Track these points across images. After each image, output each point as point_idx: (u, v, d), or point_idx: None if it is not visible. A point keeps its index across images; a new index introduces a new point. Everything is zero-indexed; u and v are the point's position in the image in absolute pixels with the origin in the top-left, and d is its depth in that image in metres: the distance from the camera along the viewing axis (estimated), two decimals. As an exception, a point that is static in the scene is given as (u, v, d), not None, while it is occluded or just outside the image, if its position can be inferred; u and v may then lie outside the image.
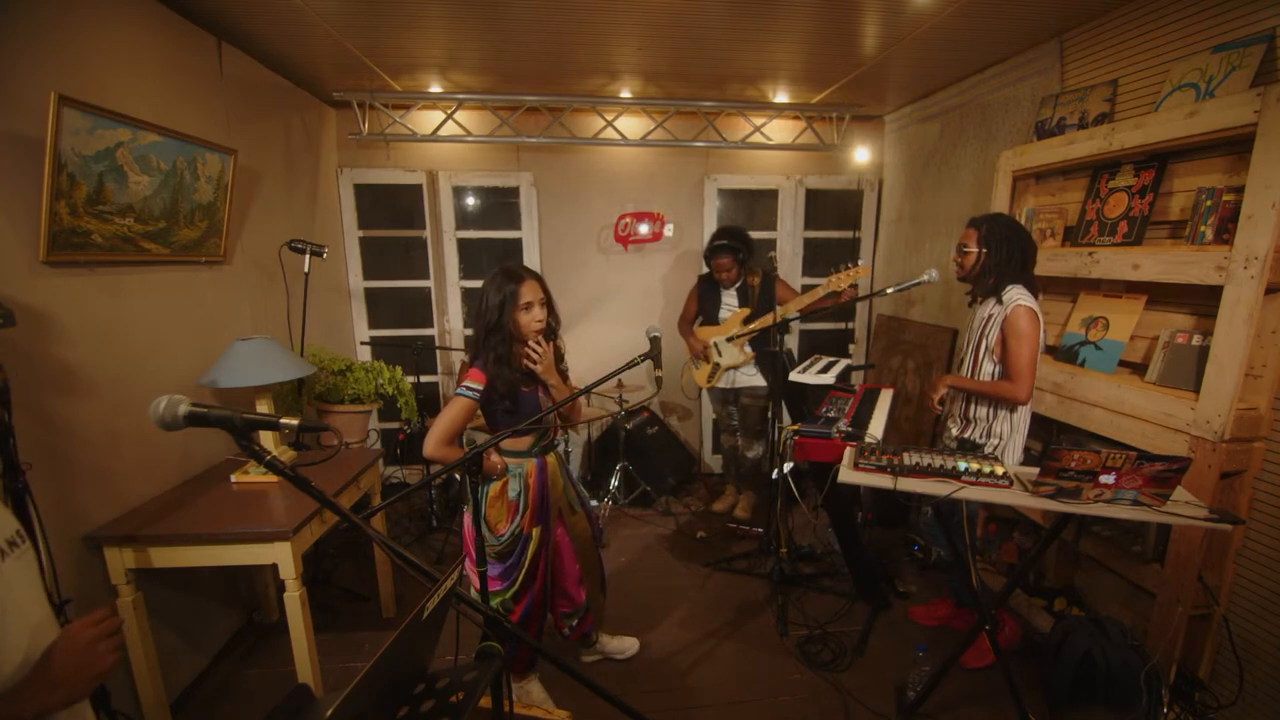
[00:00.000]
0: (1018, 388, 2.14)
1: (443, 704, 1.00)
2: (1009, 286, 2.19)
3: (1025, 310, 2.12)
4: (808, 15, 2.52)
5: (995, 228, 2.22)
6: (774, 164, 4.31)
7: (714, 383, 3.62)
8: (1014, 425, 2.26)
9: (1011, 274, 2.20)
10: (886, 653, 2.56)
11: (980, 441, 2.28)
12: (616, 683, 2.38)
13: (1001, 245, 2.19)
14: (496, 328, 1.91)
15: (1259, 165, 1.77)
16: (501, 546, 2.05)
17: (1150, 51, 2.32)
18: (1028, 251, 2.22)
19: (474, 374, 1.91)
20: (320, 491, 1.06)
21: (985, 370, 2.27)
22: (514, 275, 1.93)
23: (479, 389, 1.90)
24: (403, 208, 4.13)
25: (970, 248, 2.25)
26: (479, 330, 1.95)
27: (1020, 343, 2.12)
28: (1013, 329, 2.13)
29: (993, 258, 2.20)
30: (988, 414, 2.29)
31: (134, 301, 2.17)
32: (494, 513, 2.04)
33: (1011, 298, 2.17)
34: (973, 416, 2.33)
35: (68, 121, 1.77)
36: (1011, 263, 2.19)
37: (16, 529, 0.99)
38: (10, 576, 0.92)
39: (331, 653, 2.48)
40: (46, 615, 0.99)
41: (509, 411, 1.99)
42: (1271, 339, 1.89)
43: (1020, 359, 2.12)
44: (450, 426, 1.88)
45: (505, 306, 1.90)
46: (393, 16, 2.54)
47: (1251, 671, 1.98)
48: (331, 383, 3.06)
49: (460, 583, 1.08)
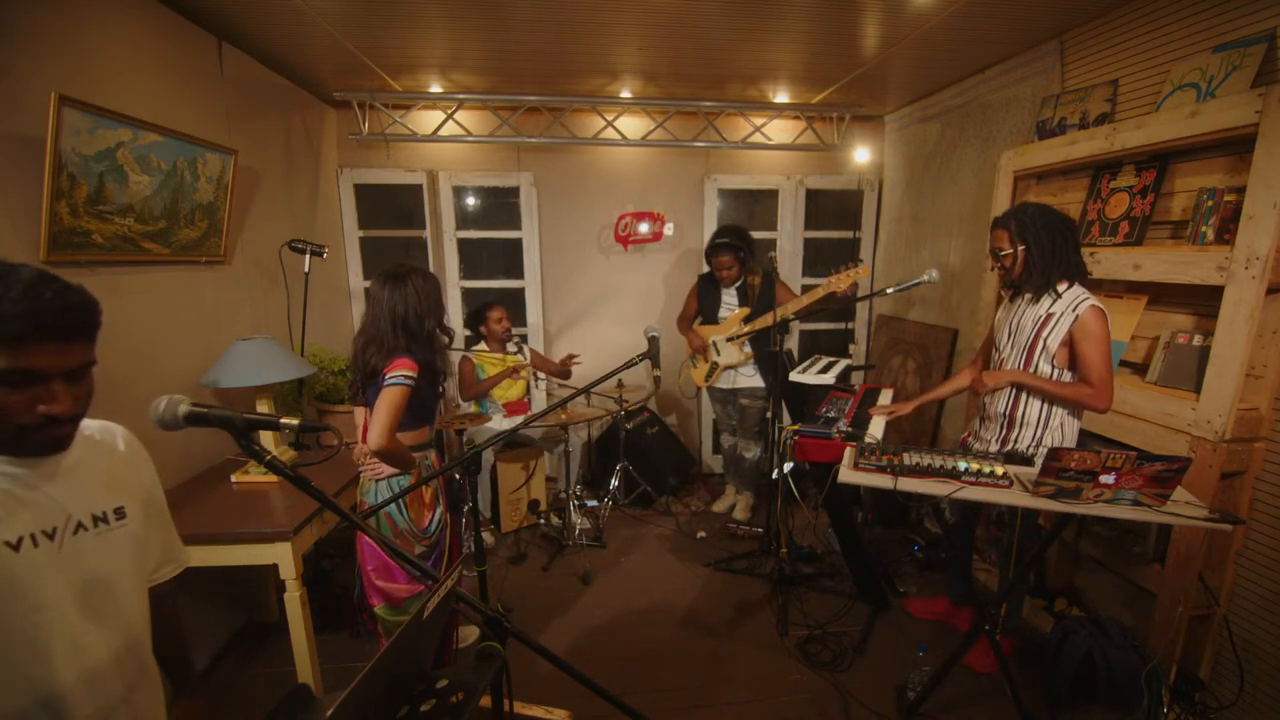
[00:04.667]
0: (1099, 394, 1.93)
1: (443, 704, 1.00)
2: (1063, 281, 2.00)
3: (1098, 311, 1.93)
4: (808, 15, 2.52)
5: (1026, 220, 2.00)
6: (774, 164, 4.31)
7: (712, 382, 3.62)
8: (1065, 435, 2.08)
9: (1063, 263, 1.98)
10: (886, 653, 2.56)
11: (1030, 453, 2.05)
12: (617, 683, 2.38)
13: (1041, 235, 1.97)
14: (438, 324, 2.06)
15: (1260, 165, 1.77)
16: (432, 538, 2.09)
17: (1150, 51, 2.32)
18: (1072, 233, 2.00)
19: (407, 363, 1.93)
20: (320, 491, 1.06)
21: (1043, 373, 2.05)
22: (424, 274, 2.05)
23: (414, 376, 1.94)
24: (403, 208, 4.13)
25: (1006, 249, 2.04)
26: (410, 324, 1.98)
27: (1097, 346, 1.92)
28: (1086, 332, 1.93)
29: (1035, 252, 1.98)
30: (1039, 419, 2.08)
31: (134, 301, 2.17)
32: (414, 509, 2.05)
33: (1077, 295, 1.97)
34: (1022, 419, 2.11)
35: (68, 121, 1.77)
36: (1060, 251, 1.97)
37: (117, 505, 0.99)
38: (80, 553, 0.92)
39: (331, 653, 2.48)
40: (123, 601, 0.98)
41: (430, 397, 2.09)
42: (1272, 339, 1.89)
43: (1098, 363, 1.92)
44: (393, 416, 1.89)
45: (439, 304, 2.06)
46: (393, 16, 2.54)
47: (1252, 672, 1.98)
48: (331, 383, 3.06)
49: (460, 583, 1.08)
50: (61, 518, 0.91)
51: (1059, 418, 2.07)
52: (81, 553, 0.92)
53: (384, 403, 1.88)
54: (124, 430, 1.08)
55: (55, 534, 0.90)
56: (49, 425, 0.85)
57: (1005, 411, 2.15)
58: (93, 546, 0.94)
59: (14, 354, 0.80)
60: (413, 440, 2.06)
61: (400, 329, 1.97)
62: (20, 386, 0.82)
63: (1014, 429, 2.13)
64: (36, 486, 0.89)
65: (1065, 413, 2.07)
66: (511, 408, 3.54)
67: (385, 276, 2.02)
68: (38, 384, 0.83)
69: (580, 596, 3.01)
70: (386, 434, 1.87)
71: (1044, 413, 2.08)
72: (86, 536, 0.94)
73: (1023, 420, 2.11)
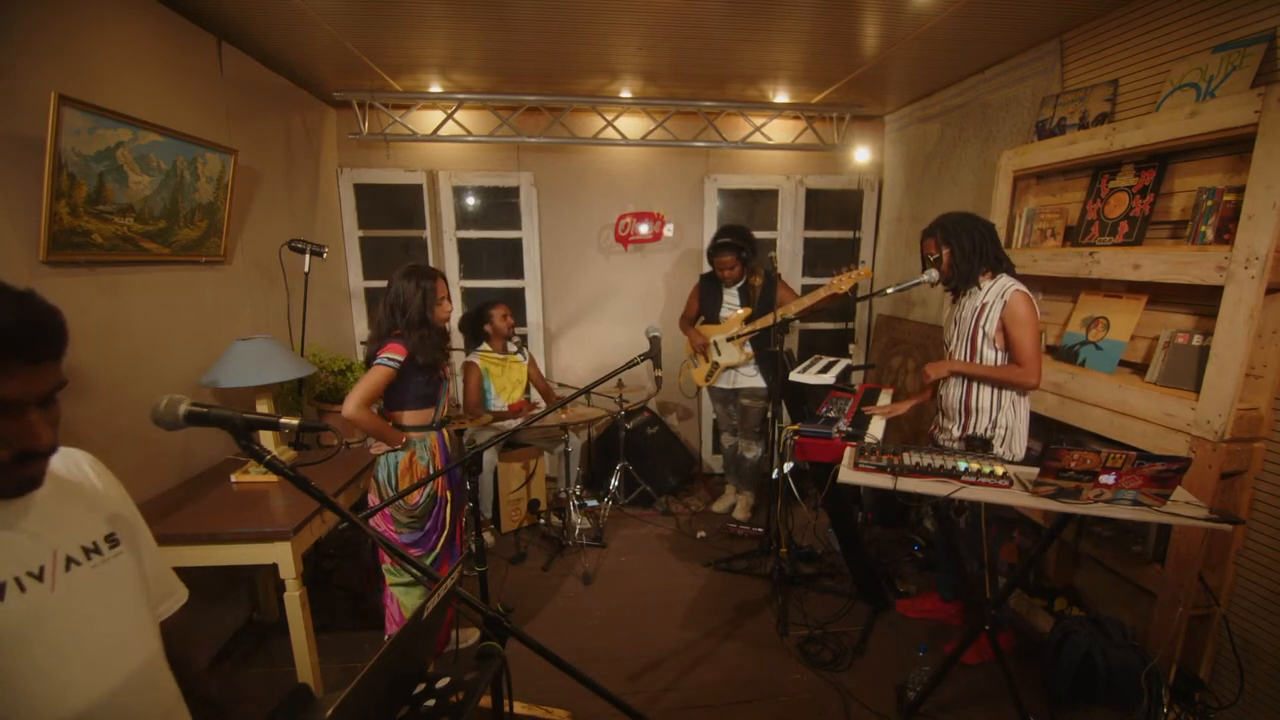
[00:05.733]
0: (1028, 372, 2.14)
1: (443, 704, 1.00)
2: (987, 272, 2.24)
3: (1023, 296, 2.15)
4: (808, 15, 2.52)
5: (949, 226, 2.27)
6: (774, 164, 4.31)
7: (712, 381, 3.62)
8: (1019, 414, 2.25)
9: (986, 257, 2.22)
10: (886, 653, 2.56)
11: (988, 435, 2.25)
12: (617, 683, 2.38)
13: (962, 237, 2.23)
14: (421, 318, 2.16)
15: (1259, 165, 1.77)
16: (418, 511, 2.23)
17: (1150, 51, 2.32)
18: (989, 232, 2.24)
19: (395, 347, 2.12)
20: (320, 491, 1.06)
21: (988, 358, 2.24)
22: (431, 273, 2.21)
23: (400, 360, 2.11)
24: (403, 207, 4.13)
25: (934, 254, 2.30)
26: (397, 316, 2.16)
27: (1024, 328, 2.13)
28: (1013, 316, 2.14)
29: (958, 252, 2.24)
30: (991, 403, 2.26)
31: (134, 301, 2.17)
32: (406, 483, 2.19)
33: (1004, 284, 2.19)
34: (975, 407, 2.29)
35: (68, 121, 1.77)
36: (980, 248, 2.22)
37: (108, 533, 0.90)
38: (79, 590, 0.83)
39: (331, 653, 2.48)
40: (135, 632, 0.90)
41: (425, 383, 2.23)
42: (1272, 339, 1.89)
43: (1026, 344, 2.13)
44: (369, 391, 2.08)
45: (428, 300, 2.17)
46: (393, 16, 2.54)
47: (1252, 671, 1.98)
48: (331, 383, 3.06)
49: (460, 583, 1.08)
50: (48, 555, 0.81)
51: (1008, 402, 2.25)
52: (78, 589, 0.82)
53: (364, 377, 2.10)
54: (86, 455, 0.96)
55: (44, 574, 0.79)
56: (24, 462, 0.75)
57: (960, 402, 2.35)
58: (90, 580, 0.84)
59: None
60: (415, 420, 2.25)
61: (398, 316, 2.15)
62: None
63: (970, 417, 2.31)
64: (12, 526, 0.79)
65: (1012, 397, 2.25)
66: (515, 409, 3.54)
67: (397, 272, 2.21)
68: (8, 416, 0.72)
69: (580, 596, 3.01)
70: (355, 404, 2.05)
71: (994, 399, 2.27)
72: (81, 571, 0.84)
73: (976, 408, 2.30)
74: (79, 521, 0.87)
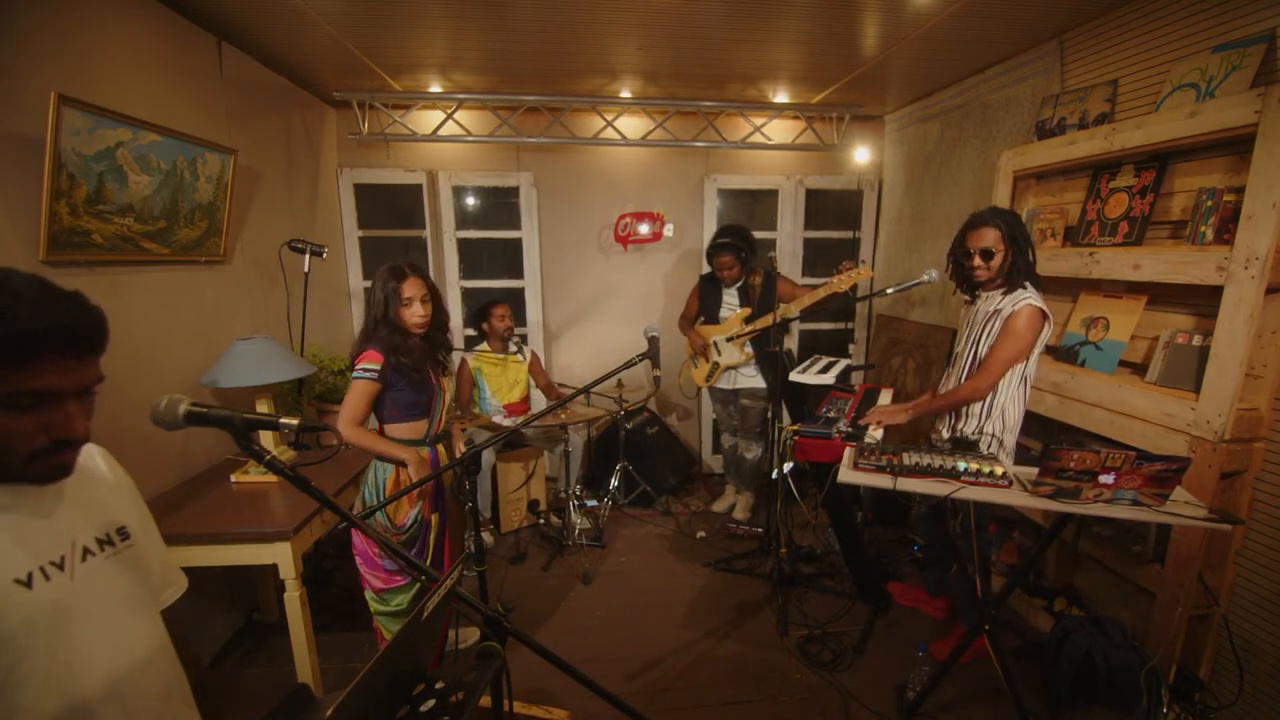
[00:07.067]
0: (976, 386, 2.12)
1: (443, 704, 1.00)
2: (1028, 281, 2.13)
3: (1034, 310, 2.06)
4: (808, 15, 2.52)
5: (1016, 225, 2.12)
6: (774, 164, 4.31)
7: (712, 382, 3.62)
8: (1007, 424, 2.19)
9: (1029, 271, 2.13)
10: (886, 653, 2.56)
11: (974, 438, 2.19)
12: (617, 683, 2.38)
13: (1024, 243, 2.12)
14: (384, 320, 2.01)
15: (1259, 165, 1.77)
16: (406, 535, 2.09)
17: (1150, 51, 2.32)
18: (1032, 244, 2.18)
19: (370, 355, 1.98)
20: (320, 491, 1.06)
21: None
22: (397, 273, 2.01)
23: (376, 368, 1.97)
24: (403, 208, 4.13)
25: (997, 248, 2.11)
26: (369, 321, 2.04)
27: (1010, 341, 2.08)
28: (1011, 327, 2.08)
29: (1019, 256, 2.12)
30: (981, 409, 2.22)
31: (134, 301, 2.17)
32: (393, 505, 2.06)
33: (1022, 295, 2.10)
34: (965, 411, 2.26)
35: (68, 121, 1.77)
36: (1030, 259, 2.14)
37: (120, 525, 0.94)
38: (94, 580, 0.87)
39: (331, 653, 2.48)
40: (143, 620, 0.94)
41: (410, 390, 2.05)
42: (1272, 339, 1.89)
43: (999, 354, 2.09)
44: (353, 408, 1.97)
45: (389, 302, 2.00)
46: (393, 16, 2.54)
47: (1251, 671, 1.98)
48: (331, 383, 3.05)
49: (460, 582, 1.07)
50: (67, 545, 0.85)
51: (1000, 406, 2.20)
52: (95, 579, 0.87)
53: (346, 394, 1.97)
54: (99, 448, 1.00)
55: (64, 563, 0.84)
56: (60, 450, 0.80)
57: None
58: (105, 571, 0.89)
59: (23, 374, 0.74)
60: (406, 434, 2.09)
61: (369, 319, 2.03)
62: (31, 409, 0.76)
63: (960, 419, 2.29)
64: (37, 515, 0.84)
65: (1005, 400, 2.19)
66: (512, 409, 3.54)
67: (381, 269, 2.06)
68: (48, 405, 0.77)
69: (580, 596, 3.01)
70: (344, 425, 1.95)
71: (984, 405, 2.22)
72: (96, 561, 0.88)
73: (966, 411, 2.26)
74: (94, 513, 0.92)
